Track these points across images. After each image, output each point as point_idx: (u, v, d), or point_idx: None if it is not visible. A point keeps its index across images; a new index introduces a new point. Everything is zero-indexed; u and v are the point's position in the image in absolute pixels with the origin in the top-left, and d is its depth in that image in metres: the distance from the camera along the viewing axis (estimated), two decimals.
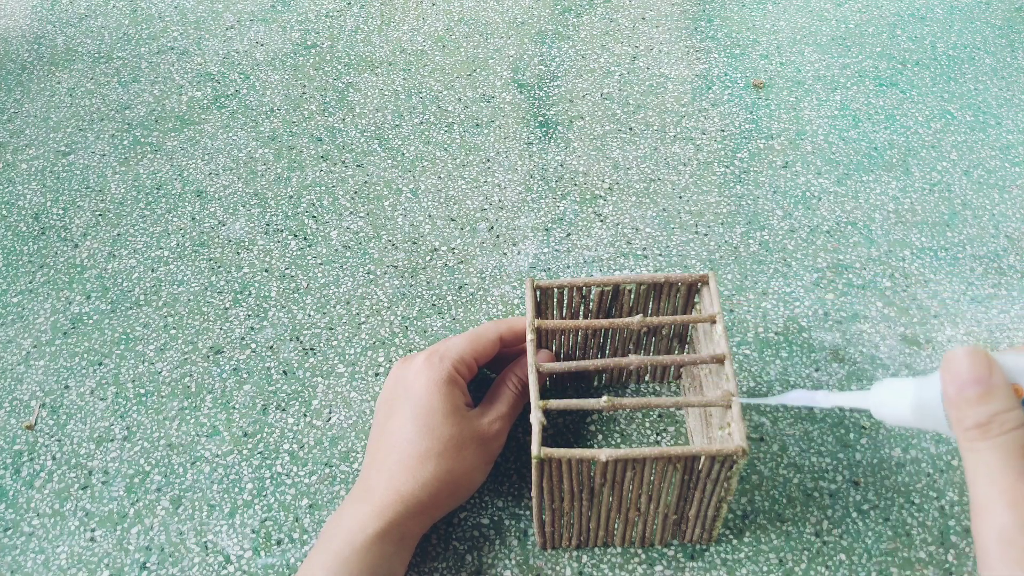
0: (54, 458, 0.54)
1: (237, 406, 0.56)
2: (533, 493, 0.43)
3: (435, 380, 0.46)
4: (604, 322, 0.47)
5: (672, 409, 0.54)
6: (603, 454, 0.40)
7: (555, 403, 0.42)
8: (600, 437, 0.53)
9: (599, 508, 0.44)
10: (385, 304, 0.62)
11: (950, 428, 0.29)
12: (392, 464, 0.44)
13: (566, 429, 0.54)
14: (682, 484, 0.43)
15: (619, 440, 0.53)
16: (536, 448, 0.40)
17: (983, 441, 0.27)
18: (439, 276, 0.63)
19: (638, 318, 0.47)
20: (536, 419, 0.41)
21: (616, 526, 0.47)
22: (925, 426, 0.32)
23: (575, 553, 0.48)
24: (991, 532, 0.27)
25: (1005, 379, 0.28)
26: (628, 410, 0.53)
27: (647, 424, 0.53)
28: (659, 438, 0.53)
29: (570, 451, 0.40)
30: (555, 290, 0.49)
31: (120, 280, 0.64)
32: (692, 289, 0.49)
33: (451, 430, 0.45)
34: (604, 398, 0.42)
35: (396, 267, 0.64)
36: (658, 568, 0.47)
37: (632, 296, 0.50)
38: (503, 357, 0.52)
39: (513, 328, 0.50)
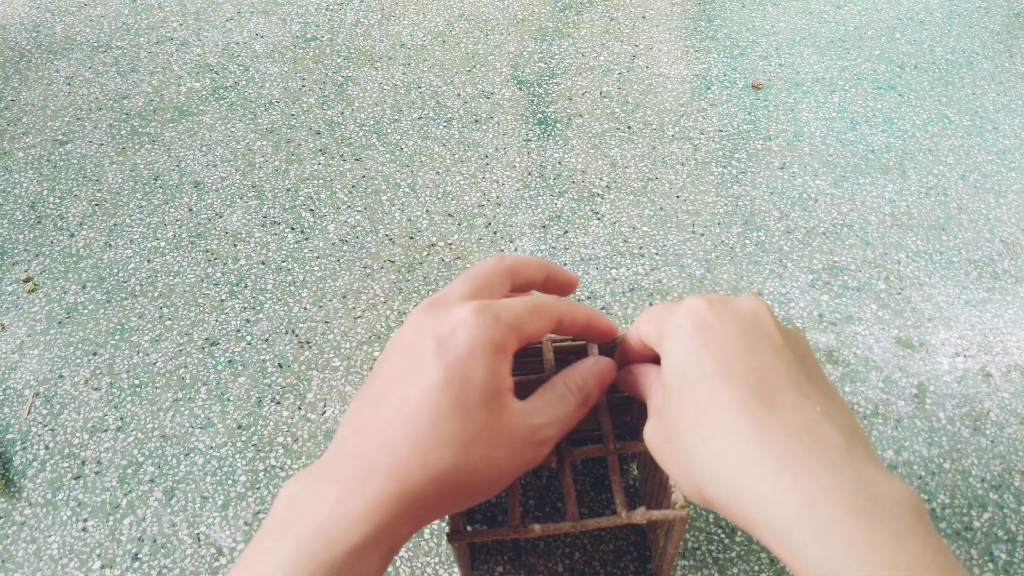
0: (47, 447, 0.54)
1: (232, 398, 0.56)
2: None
3: (483, 343, 0.33)
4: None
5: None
6: (535, 530, 0.38)
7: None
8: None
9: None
10: (381, 298, 0.62)
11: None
12: (400, 441, 0.32)
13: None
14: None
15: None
16: (455, 522, 0.38)
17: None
18: (436, 271, 0.63)
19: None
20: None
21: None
22: None
23: (567, 550, 0.48)
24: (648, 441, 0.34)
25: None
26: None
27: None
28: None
29: (492, 532, 0.37)
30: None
31: (116, 270, 0.64)
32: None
33: (489, 417, 0.33)
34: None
35: (393, 262, 0.64)
36: (650, 566, 0.47)
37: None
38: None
39: (575, 315, 0.39)
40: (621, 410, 0.49)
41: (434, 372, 0.33)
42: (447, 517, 0.38)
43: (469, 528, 0.48)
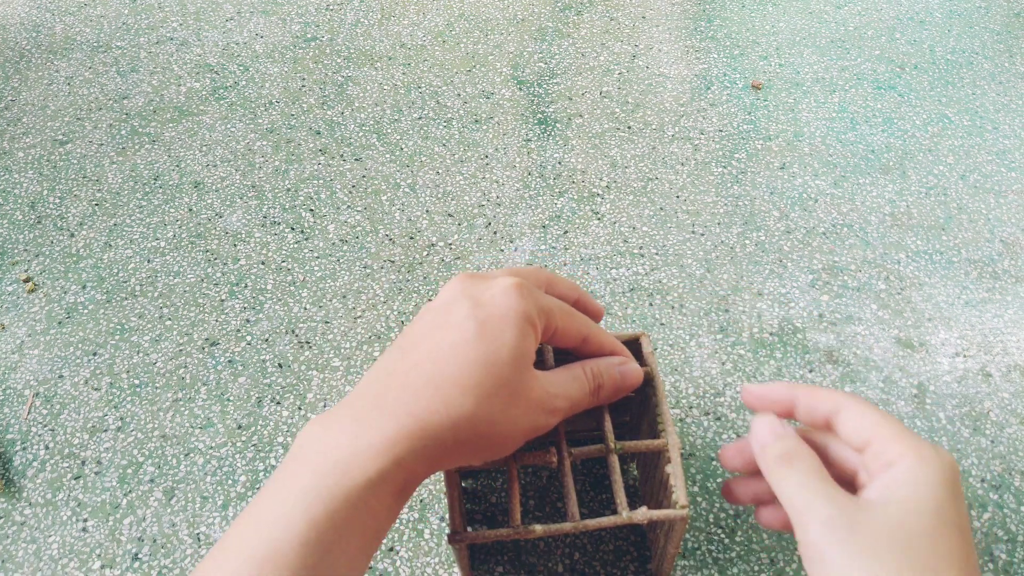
0: (47, 447, 0.54)
1: (232, 398, 0.56)
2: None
3: (519, 310, 0.35)
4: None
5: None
6: (536, 531, 0.38)
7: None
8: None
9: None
10: (381, 299, 0.62)
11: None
12: (423, 384, 0.33)
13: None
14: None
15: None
16: (455, 522, 0.38)
17: (787, 468, 0.34)
18: (436, 271, 0.63)
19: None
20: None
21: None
22: None
23: (567, 550, 0.48)
24: (816, 524, 0.32)
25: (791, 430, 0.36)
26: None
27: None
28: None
29: (493, 532, 0.38)
30: None
31: (116, 270, 0.64)
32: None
33: (512, 374, 0.34)
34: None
35: (393, 262, 0.64)
36: (650, 567, 0.47)
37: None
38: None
39: (601, 339, 0.40)
40: (621, 410, 0.49)
41: (468, 325, 0.34)
42: (447, 518, 0.38)
43: (469, 529, 0.48)
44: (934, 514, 0.31)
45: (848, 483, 0.35)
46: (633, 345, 0.45)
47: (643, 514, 0.38)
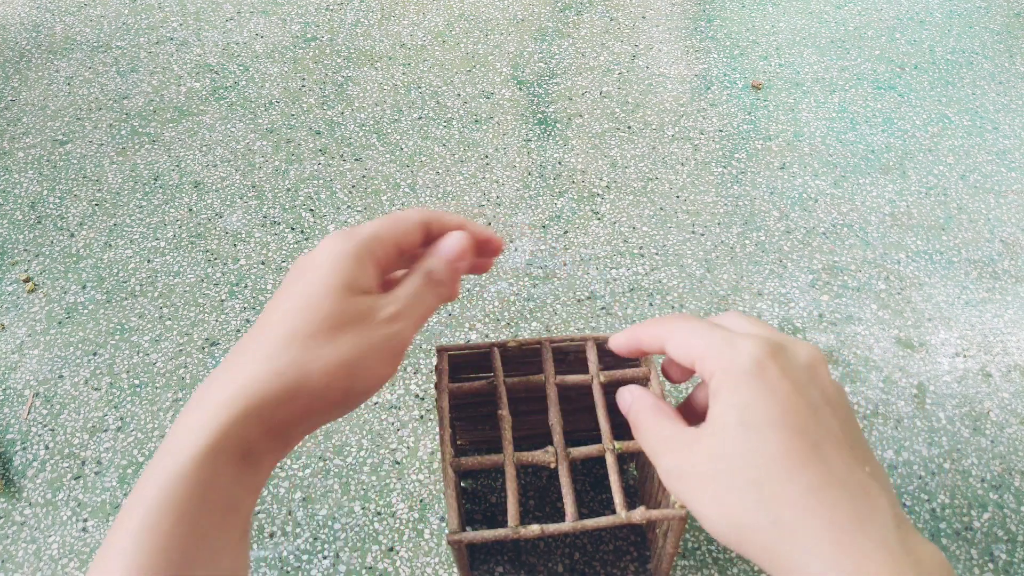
0: (47, 447, 0.54)
1: None
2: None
3: (336, 253, 0.35)
4: (517, 380, 0.44)
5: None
6: (534, 531, 0.38)
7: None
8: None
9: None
10: None
11: None
12: (250, 348, 0.33)
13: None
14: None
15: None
16: (453, 523, 0.38)
17: (633, 420, 0.34)
18: None
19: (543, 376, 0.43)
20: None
21: None
22: None
23: (567, 550, 0.48)
24: (662, 473, 0.32)
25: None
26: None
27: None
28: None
29: (491, 532, 0.38)
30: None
31: (116, 270, 0.64)
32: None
33: (330, 307, 0.34)
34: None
35: None
36: (650, 566, 0.47)
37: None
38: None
39: (442, 220, 0.40)
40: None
41: (296, 285, 0.35)
42: (447, 518, 0.38)
43: (468, 529, 0.48)
44: (740, 421, 0.30)
45: None
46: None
47: (641, 514, 0.38)
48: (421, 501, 0.50)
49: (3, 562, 0.48)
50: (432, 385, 0.56)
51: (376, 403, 0.55)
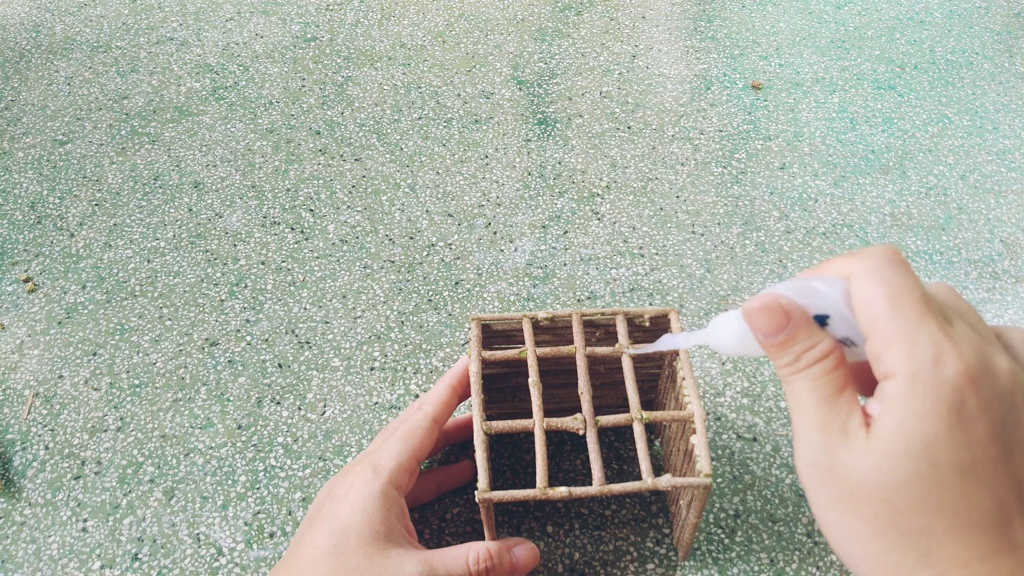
0: (47, 447, 0.54)
1: (231, 398, 0.56)
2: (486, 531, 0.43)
3: (365, 497, 0.41)
4: (548, 350, 0.45)
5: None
6: (561, 492, 0.39)
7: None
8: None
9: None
10: (381, 299, 0.62)
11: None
12: None
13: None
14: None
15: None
16: (483, 482, 0.39)
17: (794, 376, 0.29)
18: (436, 271, 0.63)
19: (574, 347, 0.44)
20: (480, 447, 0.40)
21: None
22: (752, 354, 0.32)
23: (567, 551, 0.48)
24: (800, 461, 0.29)
25: (804, 315, 0.29)
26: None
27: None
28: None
29: (520, 492, 0.39)
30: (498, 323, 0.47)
31: (116, 270, 0.64)
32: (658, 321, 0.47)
33: (360, 559, 0.39)
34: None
35: (393, 262, 0.64)
36: (649, 567, 0.47)
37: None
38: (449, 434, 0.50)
39: (450, 412, 0.46)
40: (647, 388, 0.50)
41: (326, 524, 0.40)
42: (477, 478, 0.40)
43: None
44: (921, 456, 0.26)
45: None
46: (662, 321, 0.46)
47: (667, 480, 0.39)
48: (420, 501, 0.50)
49: (3, 562, 0.48)
50: (432, 385, 0.56)
51: (376, 403, 0.55)
